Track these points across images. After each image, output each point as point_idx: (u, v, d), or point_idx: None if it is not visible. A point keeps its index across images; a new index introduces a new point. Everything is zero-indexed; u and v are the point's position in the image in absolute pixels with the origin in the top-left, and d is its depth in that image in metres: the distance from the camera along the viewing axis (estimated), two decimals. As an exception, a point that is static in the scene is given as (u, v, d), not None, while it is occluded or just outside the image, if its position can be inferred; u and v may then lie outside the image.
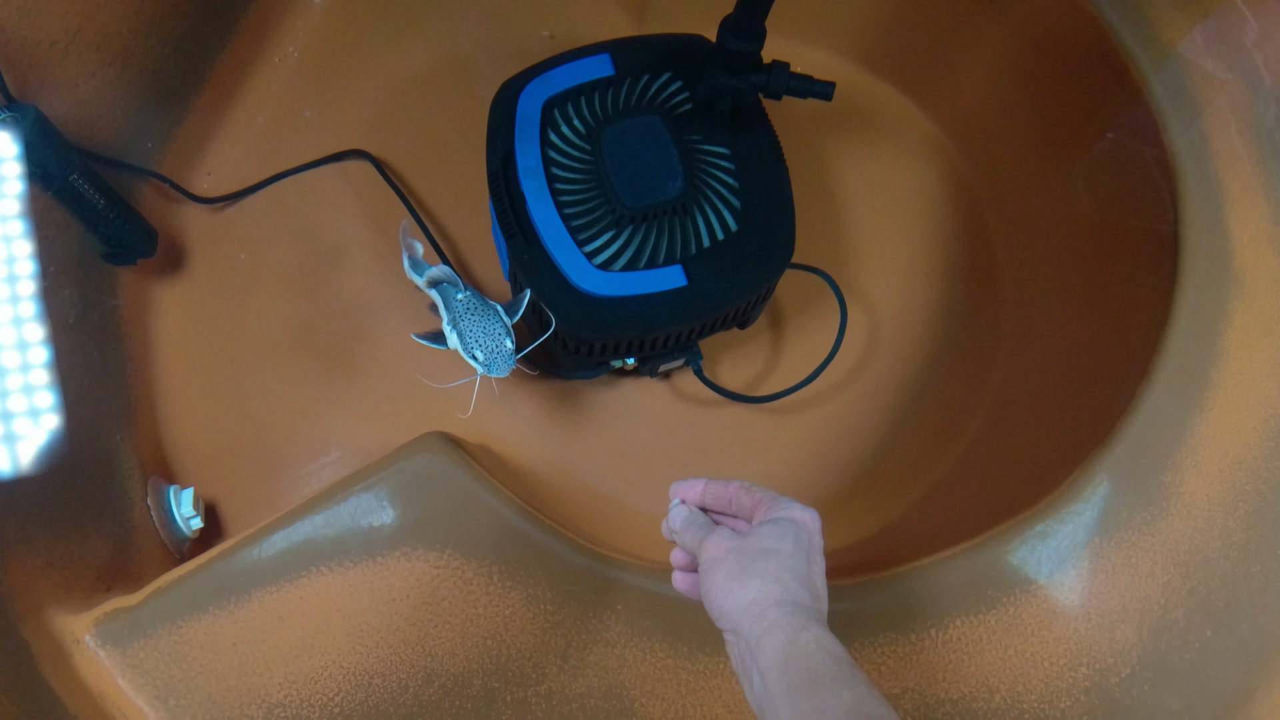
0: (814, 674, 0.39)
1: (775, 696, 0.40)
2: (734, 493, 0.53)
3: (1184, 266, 0.70)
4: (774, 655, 0.41)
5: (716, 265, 0.73)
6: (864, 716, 0.37)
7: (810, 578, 0.46)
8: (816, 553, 0.48)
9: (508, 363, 0.66)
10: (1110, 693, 0.63)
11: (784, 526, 0.48)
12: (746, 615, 0.44)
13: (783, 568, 0.46)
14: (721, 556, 0.48)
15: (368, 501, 0.65)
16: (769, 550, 0.47)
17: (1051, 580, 0.64)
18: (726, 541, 0.48)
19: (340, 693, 0.62)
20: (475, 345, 0.66)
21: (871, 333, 0.93)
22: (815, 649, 0.41)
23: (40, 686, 0.59)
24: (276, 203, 0.95)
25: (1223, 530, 0.65)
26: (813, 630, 0.42)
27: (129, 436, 0.82)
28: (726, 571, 0.47)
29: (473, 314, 0.68)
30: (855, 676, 0.40)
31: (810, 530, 0.49)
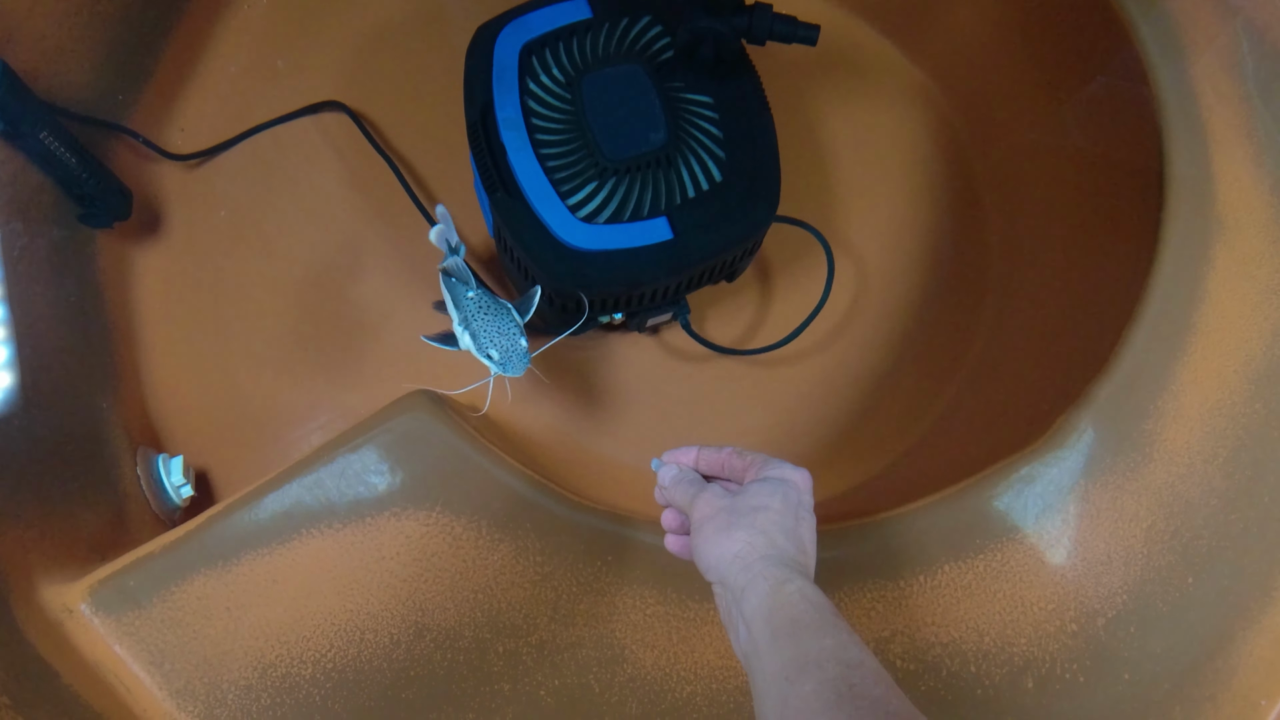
0: (797, 623, 0.40)
1: (759, 645, 0.41)
2: (726, 457, 0.54)
3: (1168, 209, 0.69)
4: (758, 605, 0.42)
5: (702, 217, 0.71)
6: (844, 662, 0.38)
7: (798, 533, 0.47)
8: (806, 511, 0.49)
9: (523, 361, 0.64)
10: (1097, 636, 0.64)
11: (774, 485, 0.49)
12: (733, 567, 0.45)
13: (770, 523, 0.46)
14: (711, 514, 0.48)
15: (355, 462, 0.64)
16: (757, 507, 0.47)
17: (1038, 525, 0.64)
18: (717, 499, 0.49)
19: (333, 649, 0.62)
20: (490, 345, 0.64)
21: (859, 284, 0.92)
22: (798, 599, 0.41)
23: (31, 657, 0.59)
24: (253, 159, 0.93)
25: (1203, 477, 0.66)
26: (796, 582, 0.42)
27: (115, 406, 0.81)
28: (715, 526, 0.47)
29: (485, 313, 0.65)
30: (837, 624, 0.40)
31: (800, 489, 0.50)
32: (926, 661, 0.63)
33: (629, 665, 0.63)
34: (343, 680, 0.62)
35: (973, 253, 0.93)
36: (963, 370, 0.89)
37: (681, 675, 0.63)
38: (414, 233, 0.90)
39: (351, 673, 0.62)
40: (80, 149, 0.77)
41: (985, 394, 0.86)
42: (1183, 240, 0.69)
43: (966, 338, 0.90)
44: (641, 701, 0.62)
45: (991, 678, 0.63)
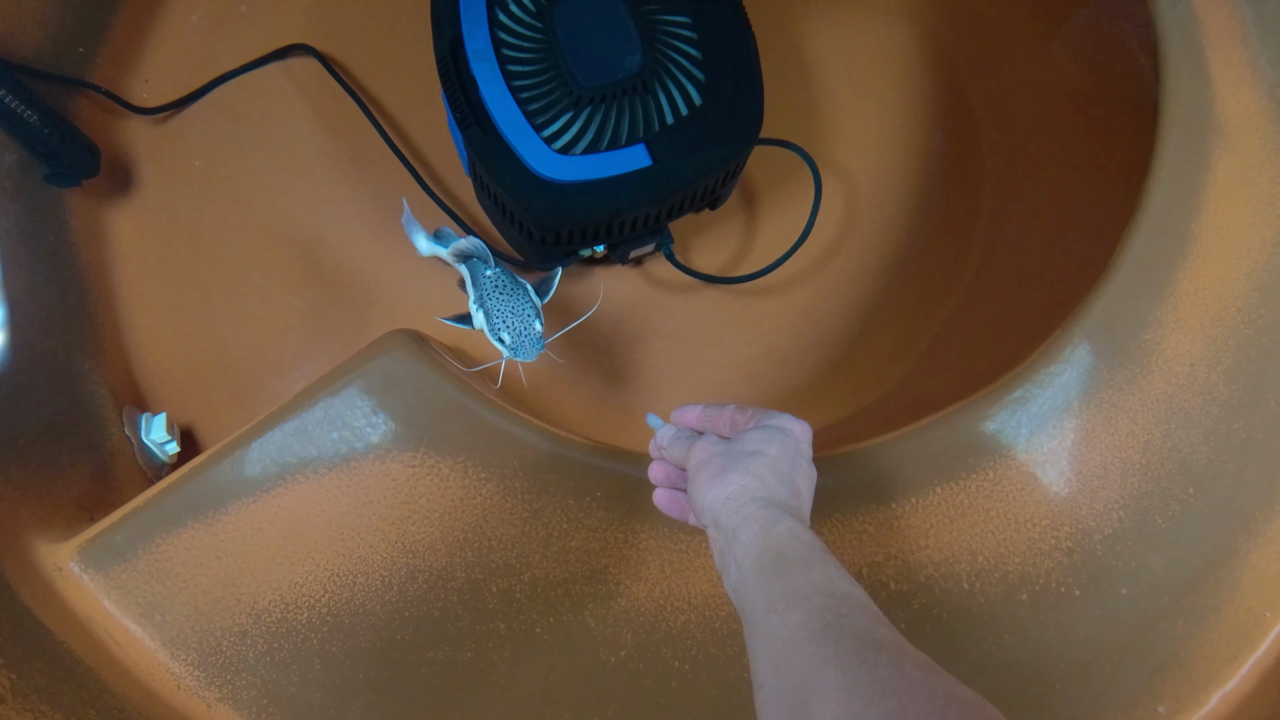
0: (785, 559, 0.40)
1: (750, 583, 0.41)
2: (729, 415, 0.53)
3: (1164, 115, 0.67)
4: (749, 545, 0.42)
5: (682, 142, 0.69)
6: (831, 594, 0.38)
7: (793, 479, 0.47)
8: (803, 459, 0.49)
9: (536, 346, 0.62)
10: (1093, 552, 0.63)
11: (771, 432, 0.49)
12: (725, 509, 0.45)
13: (764, 467, 0.47)
14: (706, 459, 0.49)
15: (337, 405, 0.63)
16: (752, 452, 0.48)
17: (1032, 443, 0.63)
18: (711, 445, 0.50)
19: (326, 594, 0.62)
20: (502, 326, 0.62)
21: (848, 206, 0.90)
22: (788, 537, 0.41)
23: (24, 616, 0.59)
24: (222, 109, 0.91)
25: (1204, 386, 0.65)
26: (786, 522, 0.42)
27: (97, 366, 0.80)
28: (709, 471, 0.47)
29: (501, 292, 0.64)
30: (825, 560, 0.40)
31: (798, 438, 0.50)
32: (919, 582, 0.63)
33: (623, 599, 0.63)
34: (338, 624, 0.62)
35: (965, 172, 0.91)
36: (957, 292, 0.87)
37: (675, 605, 0.62)
38: (389, 174, 0.88)
39: (346, 616, 0.62)
40: (43, 107, 0.75)
41: (980, 316, 0.84)
42: (1180, 147, 0.67)
43: (960, 259, 0.89)
44: (637, 632, 0.62)
45: (986, 595, 0.62)
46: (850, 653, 0.34)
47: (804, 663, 0.35)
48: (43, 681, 0.56)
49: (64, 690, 0.57)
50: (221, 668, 0.62)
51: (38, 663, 0.57)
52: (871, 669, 0.33)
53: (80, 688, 0.58)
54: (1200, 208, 0.66)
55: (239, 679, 0.62)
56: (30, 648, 0.57)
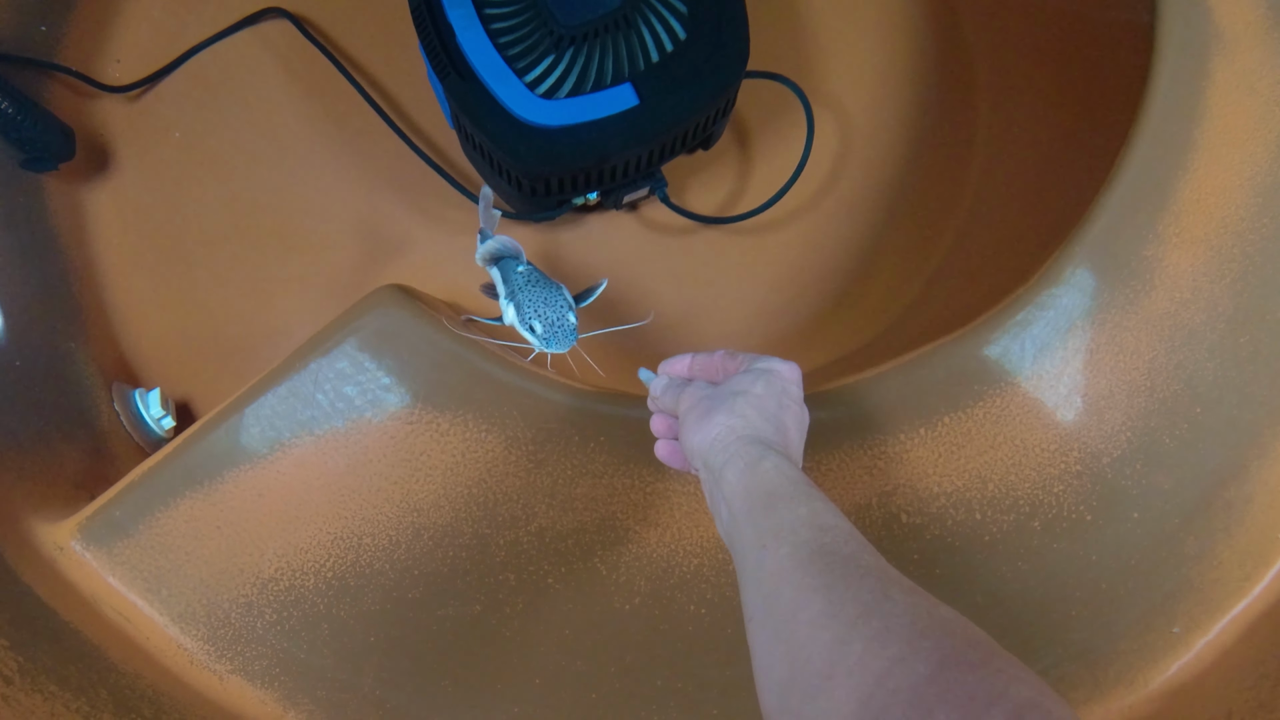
0: (772, 494, 0.41)
1: (739, 521, 0.41)
2: (719, 360, 0.54)
3: (1162, 20, 0.65)
4: (735, 482, 0.42)
5: (668, 79, 0.67)
6: (817, 526, 0.38)
7: (779, 418, 0.47)
8: (790, 400, 0.49)
9: (569, 338, 0.58)
10: (1103, 475, 0.62)
11: (756, 373, 0.49)
12: (712, 449, 0.45)
13: (749, 406, 0.47)
14: (694, 404, 0.49)
15: (328, 366, 0.62)
16: (738, 392, 0.48)
17: (1036, 367, 0.62)
18: (700, 390, 0.50)
19: (331, 558, 0.61)
20: (533, 316, 0.58)
21: (843, 140, 0.88)
22: (774, 473, 0.42)
23: (27, 598, 0.58)
24: (196, 81, 0.88)
25: (1209, 300, 0.63)
26: (772, 459, 0.43)
27: (84, 345, 0.79)
28: (696, 414, 0.48)
29: (533, 285, 0.60)
30: (811, 494, 0.41)
31: (786, 379, 0.50)
32: (931, 513, 0.62)
33: (633, 544, 0.62)
34: (344, 587, 0.61)
35: (959, 97, 0.89)
36: (955, 220, 0.86)
37: (687, 549, 0.62)
38: (370, 131, 0.86)
39: (353, 578, 0.61)
40: (13, 92, 0.74)
41: (980, 243, 0.83)
42: (1178, 56, 0.65)
43: (957, 187, 0.87)
44: (649, 578, 0.62)
45: (999, 523, 0.62)
46: (836, 579, 0.35)
47: (791, 591, 0.35)
48: (50, 663, 0.55)
49: (72, 671, 0.56)
50: (231, 639, 0.61)
51: (43, 644, 0.56)
52: (856, 593, 0.34)
53: (89, 667, 0.57)
54: (1202, 114, 0.65)
55: (249, 650, 0.61)
56: (35, 629, 0.57)
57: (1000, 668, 0.29)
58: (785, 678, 0.33)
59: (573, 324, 0.58)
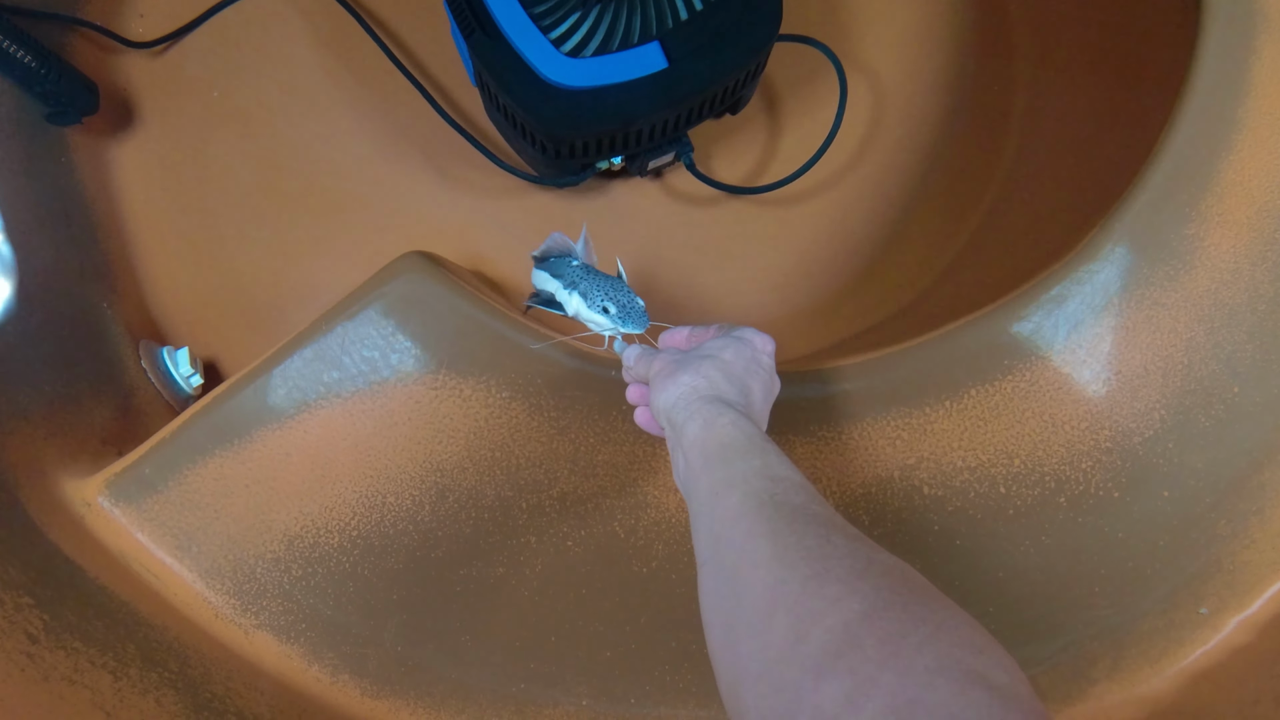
0: (726, 447, 0.42)
1: (695, 471, 0.42)
2: (713, 334, 0.55)
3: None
4: (694, 437, 0.43)
5: (698, 40, 0.66)
6: (768, 477, 0.39)
7: (745, 382, 0.48)
8: (760, 368, 0.50)
9: (643, 318, 0.56)
10: (1134, 453, 0.61)
11: (728, 339, 0.50)
12: (675, 406, 0.46)
13: (715, 368, 0.48)
14: (663, 366, 0.50)
15: (354, 330, 0.62)
16: (706, 355, 0.49)
17: (1070, 343, 0.61)
18: (670, 355, 0.51)
19: (356, 517, 0.62)
20: (604, 299, 0.56)
21: (875, 108, 0.86)
22: (730, 429, 0.43)
23: (53, 555, 0.59)
24: (219, 38, 0.88)
25: (1250, 282, 0.62)
26: (729, 414, 0.44)
27: (113, 302, 0.80)
28: (664, 374, 0.49)
29: (592, 274, 0.58)
30: (765, 448, 0.42)
31: (757, 348, 0.50)
32: (954, 486, 0.61)
33: (652, 510, 0.62)
34: (369, 546, 0.62)
35: (997, 68, 0.87)
36: (988, 194, 0.84)
37: (706, 516, 0.62)
38: (393, 91, 0.85)
39: (378, 538, 0.62)
40: (38, 46, 0.74)
41: (1016, 214, 0.81)
42: (1224, 33, 0.63)
43: (991, 160, 0.85)
44: (668, 543, 0.62)
45: (1023, 498, 0.61)
46: (783, 525, 0.36)
47: (740, 536, 0.37)
48: (75, 619, 0.56)
49: (97, 627, 0.57)
50: (257, 594, 0.62)
51: (69, 601, 0.57)
52: (800, 538, 0.35)
53: (116, 623, 0.58)
54: (1247, 92, 0.62)
55: (275, 605, 0.62)
56: (60, 586, 0.58)
57: (934, 608, 0.30)
58: (729, 616, 0.35)
59: (642, 305, 0.56)
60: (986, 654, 0.28)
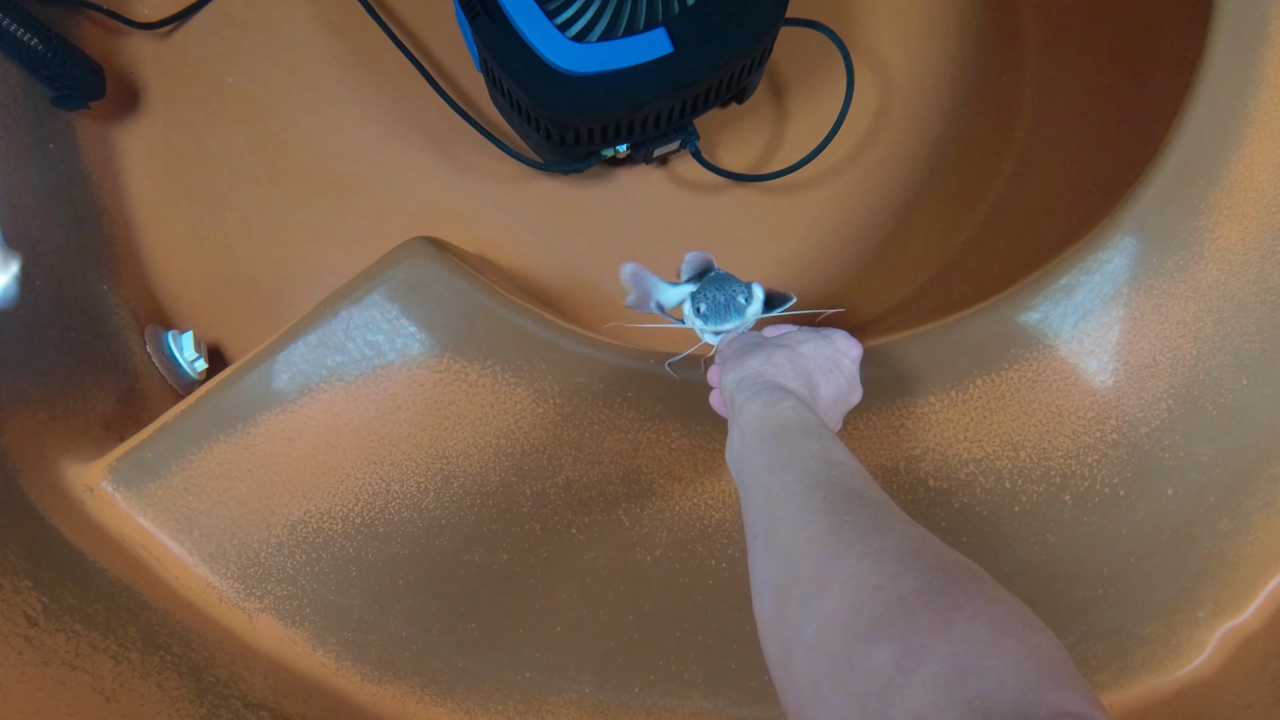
0: (785, 429, 0.42)
1: (750, 449, 0.43)
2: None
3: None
4: (753, 416, 0.44)
5: (703, 25, 0.65)
6: (826, 460, 0.39)
7: (812, 376, 0.48)
8: (839, 371, 0.50)
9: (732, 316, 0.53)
10: (1140, 445, 0.61)
11: (812, 334, 0.50)
12: (739, 386, 0.46)
13: (785, 358, 0.48)
14: (739, 347, 0.50)
15: (359, 314, 0.62)
16: (782, 344, 0.49)
17: (1077, 333, 0.61)
18: (749, 336, 0.51)
19: (359, 502, 0.62)
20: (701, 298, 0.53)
21: (883, 95, 0.85)
22: (790, 413, 0.43)
23: (53, 540, 0.59)
24: (224, 19, 0.87)
25: (1259, 274, 0.61)
26: (790, 400, 0.44)
27: (116, 287, 0.80)
28: (737, 355, 0.49)
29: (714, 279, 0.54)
30: (824, 433, 0.42)
31: (840, 349, 0.50)
32: (959, 479, 0.61)
33: (657, 498, 0.62)
34: (373, 531, 0.62)
35: (1006, 56, 0.86)
36: (999, 180, 0.83)
37: (710, 504, 0.62)
38: (398, 75, 0.85)
39: (382, 524, 0.62)
40: (44, 30, 0.74)
41: (1024, 204, 0.81)
42: (1236, 23, 0.62)
43: (999, 150, 0.84)
44: (671, 530, 0.62)
45: (1029, 494, 0.61)
46: (839, 504, 0.36)
47: (794, 512, 0.37)
48: (75, 603, 0.56)
49: (98, 610, 0.57)
50: (260, 579, 0.62)
51: (69, 584, 0.57)
52: (856, 518, 0.35)
53: (118, 606, 0.58)
54: (1259, 83, 0.62)
55: (279, 589, 0.62)
56: (60, 570, 0.57)
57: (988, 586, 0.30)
58: (781, 586, 0.35)
59: (741, 304, 0.52)
60: (1038, 631, 0.28)
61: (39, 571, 0.56)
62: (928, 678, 0.26)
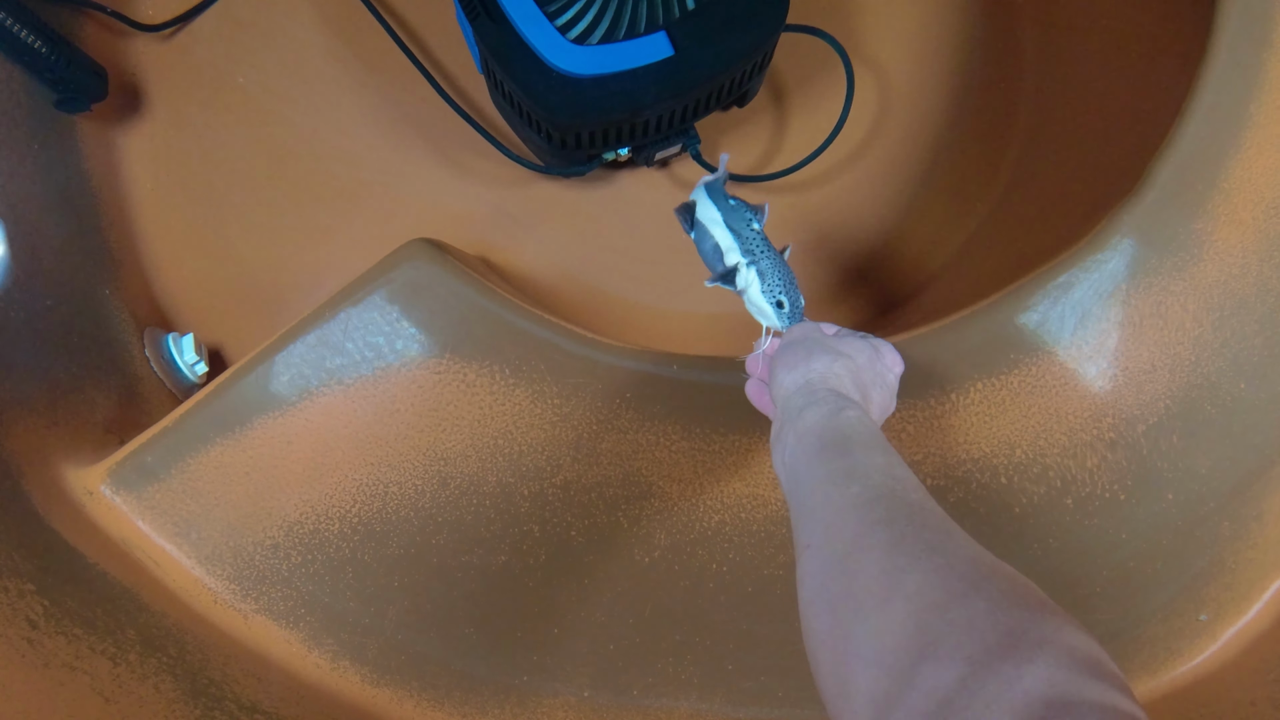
0: (849, 439, 0.41)
1: (808, 455, 0.42)
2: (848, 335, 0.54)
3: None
4: (814, 422, 0.43)
5: (705, 28, 0.65)
6: (891, 475, 0.39)
7: (868, 389, 0.48)
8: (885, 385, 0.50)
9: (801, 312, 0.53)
10: (1137, 446, 0.61)
11: (865, 344, 0.50)
12: (799, 390, 0.46)
13: (845, 367, 0.48)
14: (802, 338, 0.49)
15: (358, 316, 0.62)
16: (845, 352, 0.49)
17: (1076, 335, 0.61)
18: (814, 329, 0.50)
19: (357, 504, 0.62)
20: (780, 290, 0.52)
21: (882, 98, 0.86)
22: (855, 423, 0.43)
23: (55, 543, 0.59)
24: (227, 20, 0.88)
25: (1258, 278, 0.61)
26: (855, 410, 0.44)
27: (117, 290, 0.80)
28: (802, 350, 0.48)
29: (771, 251, 0.53)
30: (887, 447, 0.42)
31: (887, 364, 0.51)
32: (956, 476, 0.61)
33: (656, 499, 0.62)
34: (370, 533, 0.62)
35: (1005, 59, 0.86)
36: (998, 183, 0.84)
37: (709, 505, 0.62)
38: (400, 77, 0.85)
39: (378, 525, 0.62)
40: (48, 32, 0.74)
41: (1023, 207, 0.81)
42: (1238, 28, 0.62)
43: (999, 150, 0.84)
44: (670, 532, 0.62)
45: (1029, 495, 0.61)
46: (901, 517, 0.36)
47: (855, 523, 0.37)
48: (74, 606, 0.56)
49: (98, 613, 0.57)
50: (256, 580, 0.62)
51: (69, 587, 0.57)
52: (920, 533, 0.35)
53: (116, 609, 0.58)
54: (1261, 86, 0.62)
55: (274, 591, 0.62)
56: (61, 573, 0.57)
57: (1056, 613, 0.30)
58: (839, 597, 0.34)
59: (803, 304, 0.53)
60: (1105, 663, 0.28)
61: (42, 575, 0.56)
62: (992, 700, 0.26)
